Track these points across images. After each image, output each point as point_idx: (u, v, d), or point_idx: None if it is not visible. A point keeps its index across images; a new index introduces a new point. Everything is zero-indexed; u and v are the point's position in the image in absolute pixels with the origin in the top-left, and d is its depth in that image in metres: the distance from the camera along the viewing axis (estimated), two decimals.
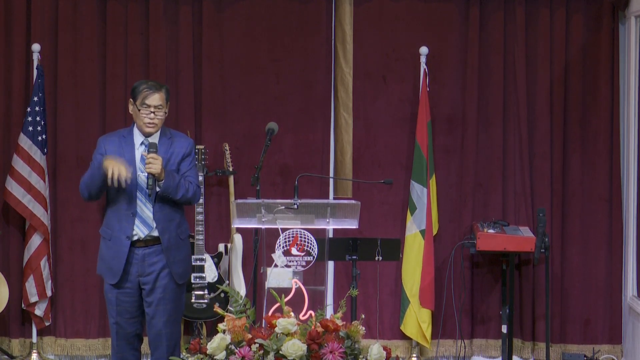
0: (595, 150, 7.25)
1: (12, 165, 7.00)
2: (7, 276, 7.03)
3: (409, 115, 7.25)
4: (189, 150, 5.65)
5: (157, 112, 5.55)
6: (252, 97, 7.26)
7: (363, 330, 5.19)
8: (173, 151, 5.60)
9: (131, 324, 5.67)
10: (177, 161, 5.61)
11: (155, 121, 5.55)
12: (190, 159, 5.65)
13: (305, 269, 5.54)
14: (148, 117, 5.54)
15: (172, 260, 5.59)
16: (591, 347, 7.24)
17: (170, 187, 5.49)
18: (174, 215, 5.61)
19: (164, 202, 5.56)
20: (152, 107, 5.53)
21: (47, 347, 7.23)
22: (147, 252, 5.57)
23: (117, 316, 5.65)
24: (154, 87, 5.56)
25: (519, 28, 7.20)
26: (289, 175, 7.21)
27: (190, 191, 5.58)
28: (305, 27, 7.26)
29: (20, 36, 7.15)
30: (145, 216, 5.56)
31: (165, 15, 7.19)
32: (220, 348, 5.06)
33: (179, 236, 5.63)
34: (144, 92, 5.53)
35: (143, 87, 5.56)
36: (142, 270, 5.59)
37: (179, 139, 5.66)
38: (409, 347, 7.26)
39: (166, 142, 5.61)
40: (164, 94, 5.58)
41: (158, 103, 5.55)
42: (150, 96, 5.53)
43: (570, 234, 7.26)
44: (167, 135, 5.64)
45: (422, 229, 7.05)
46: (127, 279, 5.59)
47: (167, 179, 5.48)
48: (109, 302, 5.66)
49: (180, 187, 5.53)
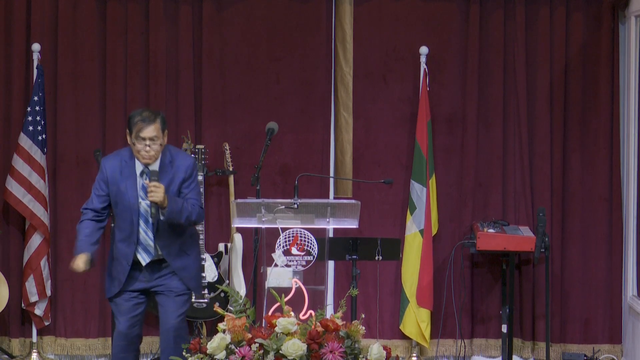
0: (595, 150, 7.25)
1: (13, 165, 7.00)
2: (7, 276, 7.03)
3: (409, 115, 7.25)
4: (189, 173, 5.61)
5: (152, 145, 5.48)
6: (252, 97, 7.26)
7: (363, 330, 5.19)
8: (174, 175, 5.57)
9: (133, 325, 5.69)
10: (178, 184, 5.58)
11: (151, 153, 5.49)
12: (191, 180, 5.61)
13: (305, 268, 5.54)
14: (144, 149, 5.48)
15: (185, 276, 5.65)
16: (591, 346, 7.24)
17: (174, 212, 5.47)
18: (175, 238, 5.62)
19: (165, 228, 5.55)
20: (147, 139, 5.47)
21: (47, 346, 7.23)
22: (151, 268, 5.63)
23: (120, 317, 5.67)
24: (148, 118, 5.48)
25: (519, 28, 7.20)
26: (289, 175, 7.22)
27: (194, 214, 5.57)
28: (305, 27, 7.26)
29: (20, 36, 7.16)
30: (147, 244, 5.58)
31: (165, 15, 7.19)
32: (220, 348, 5.06)
33: (185, 254, 5.65)
34: (138, 124, 5.47)
35: (137, 119, 5.48)
36: (151, 277, 5.64)
37: (179, 162, 5.60)
38: (409, 347, 7.26)
39: (167, 167, 5.56)
40: (159, 124, 5.50)
41: (153, 134, 5.47)
42: (144, 129, 5.46)
43: (570, 234, 7.26)
44: (168, 158, 5.58)
45: (421, 229, 7.05)
46: (132, 284, 5.63)
47: (170, 205, 5.45)
48: (114, 304, 5.69)
49: (184, 210, 5.51)
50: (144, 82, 7.21)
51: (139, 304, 5.69)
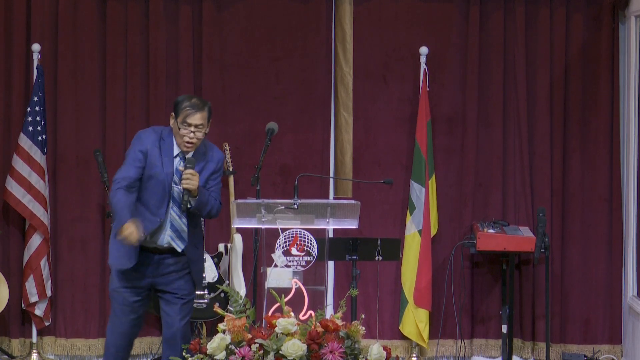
0: (595, 150, 7.25)
1: (12, 165, 7.00)
2: (7, 276, 7.03)
3: (409, 115, 7.25)
4: (219, 167, 5.61)
5: (197, 132, 5.45)
6: (252, 97, 7.26)
7: (363, 330, 5.19)
8: (205, 166, 5.55)
9: (134, 324, 5.66)
10: (206, 176, 5.56)
11: (194, 141, 5.46)
12: (218, 174, 5.61)
13: (305, 269, 5.54)
14: (188, 136, 5.44)
15: (195, 269, 5.65)
16: (591, 347, 7.24)
17: (202, 203, 5.48)
18: (194, 228, 5.63)
19: (192, 217, 5.56)
20: (193, 126, 5.43)
21: (47, 347, 7.23)
22: (162, 257, 5.57)
23: (122, 316, 5.63)
24: (197, 106, 5.43)
25: (519, 28, 7.20)
26: (289, 175, 7.21)
27: (215, 208, 5.58)
28: (305, 27, 7.26)
29: (20, 36, 7.15)
30: (181, 229, 5.55)
31: (165, 15, 7.19)
32: (220, 348, 5.06)
33: (197, 247, 5.66)
34: (186, 110, 5.42)
35: (186, 104, 5.43)
36: (157, 272, 5.58)
37: (212, 154, 5.59)
38: (408, 347, 7.26)
39: (200, 157, 5.53)
40: (206, 112, 5.46)
41: (199, 122, 5.44)
42: (193, 115, 5.42)
43: (570, 234, 7.26)
44: (202, 148, 5.55)
45: (420, 229, 7.06)
46: (138, 278, 5.56)
47: (200, 196, 5.45)
48: (115, 301, 5.63)
49: (209, 203, 5.52)
50: (144, 82, 7.21)
51: (142, 305, 5.66)
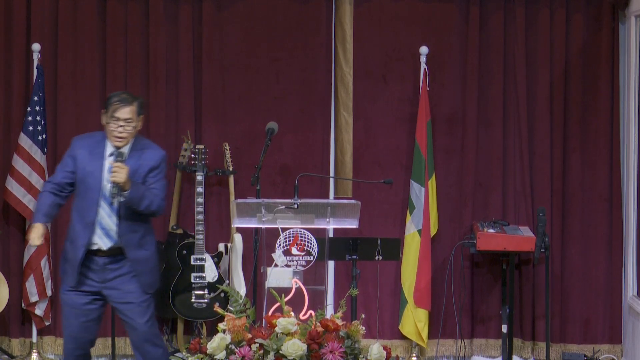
0: (595, 149, 7.25)
1: (13, 165, 7.00)
2: (7, 276, 7.03)
3: (409, 115, 7.25)
4: (157, 163, 5.62)
5: (126, 126, 5.52)
6: (252, 97, 7.26)
7: (363, 330, 5.20)
8: (142, 163, 5.57)
9: (86, 328, 5.65)
10: (144, 173, 5.58)
11: (123, 135, 5.52)
12: (158, 171, 5.62)
13: (305, 268, 5.54)
14: (117, 130, 5.52)
15: (140, 271, 5.60)
16: (591, 347, 7.24)
17: (134, 197, 5.47)
18: (137, 227, 5.59)
19: (129, 215, 5.54)
20: (122, 120, 5.51)
21: (47, 346, 7.23)
22: (107, 260, 5.57)
23: (72, 319, 5.62)
24: (126, 100, 5.53)
25: (519, 28, 7.20)
26: (289, 175, 7.21)
27: (155, 204, 5.55)
28: (305, 27, 7.26)
29: (20, 36, 7.15)
30: (109, 228, 5.56)
31: (165, 15, 7.19)
32: (220, 348, 5.06)
33: (142, 247, 5.61)
34: (114, 104, 5.52)
35: (115, 99, 5.54)
36: (105, 277, 5.58)
37: (150, 152, 5.63)
38: (408, 347, 7.26)
39: (136, 154, 5.57)
40: (135, 107, 5.54)
41: (127, 117, 5.51)
42: (120, 109, 5.51)
43: (570, 234, 7.26)
44: (139, 147, 5.61)
45: (419, 229, 7.06)
46: (86, 284, 5.58)
47: (132, 190, 5.45)
48: (65, 304, 5.64)
49: (145, 198, 5.50)
50: (144, 82, 7.21)
51: (93, 309, 5.64)
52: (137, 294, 5.60)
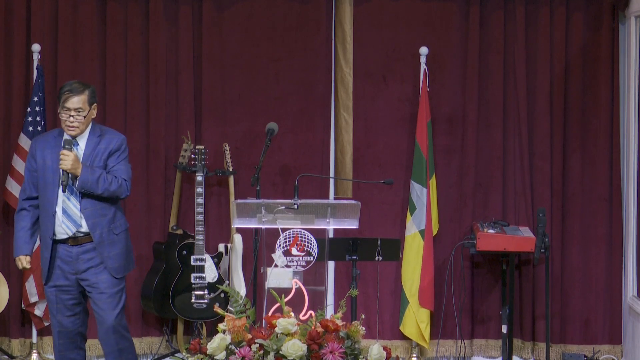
0: (595, 150, 7.25)
1: (12, 165, 7.01)
2: (7, 276, 7.03)
3: (409, 115, 7.25)
4: (117, 146, 5.66)
5: (76, 116, 5.55)
6: (252, 97, 7.27)
7: (363, 330, 5.20)
8: (100, 148, 5.62)
9: (72, 322, 5.71)
10: (104, 157, 5.62)
11: (75, 124, 5.56)
12: (118, 153, 5.66)
13: (305, 269, 5.54)
14: (68, 120, 5.56)
15: (106, 255, 5.63)
16: (591, 347, 7.24)
17: (87, 181, 5.51)
18: (106, 211, 5.64)
19: (93, 198, 5.58)
20: (72, 110, 5.54)
21: (47, 347, 7.22)
22: (81, 250, 5.61)
23: (57, 314, 5.69)
24: (76, 89, 5.55)
25: (519, 27, 7.20)
26: (289, 175, 7.22)
27: (114, 184, 5.58)
28: (305, 27, 7.26)
29: (20, 36, 7.16)
30: (72, 213, 5.59)
31: (165, 15, 7.19)
32: (220, 348, 5.06)
33: (112, 231, 5.65)
34: (65, 94, 5.55)
35: (65, 89, 5.58)
36: (78, 268, 5.63)
37: (108, 136, 5.68)
38: (409, 348, 7.26)
39: (94, 140, 5.63)
40: (86, 96, 5.58)
41: (77, 106, 5.55)
42: (69, 99, 5.54)
43: (570, 234, 7.26)
44: (97, 133, 5.66)
45: (421, 229, 7.05)
46: (64, 277, 5.64)
47: (84, 174, 5.50)
48: (48, 300, 5.73)
49: (102, 181, 5.54)
50: (144, 82, 7.21)
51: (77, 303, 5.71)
52: (109, 284, 5.64)
